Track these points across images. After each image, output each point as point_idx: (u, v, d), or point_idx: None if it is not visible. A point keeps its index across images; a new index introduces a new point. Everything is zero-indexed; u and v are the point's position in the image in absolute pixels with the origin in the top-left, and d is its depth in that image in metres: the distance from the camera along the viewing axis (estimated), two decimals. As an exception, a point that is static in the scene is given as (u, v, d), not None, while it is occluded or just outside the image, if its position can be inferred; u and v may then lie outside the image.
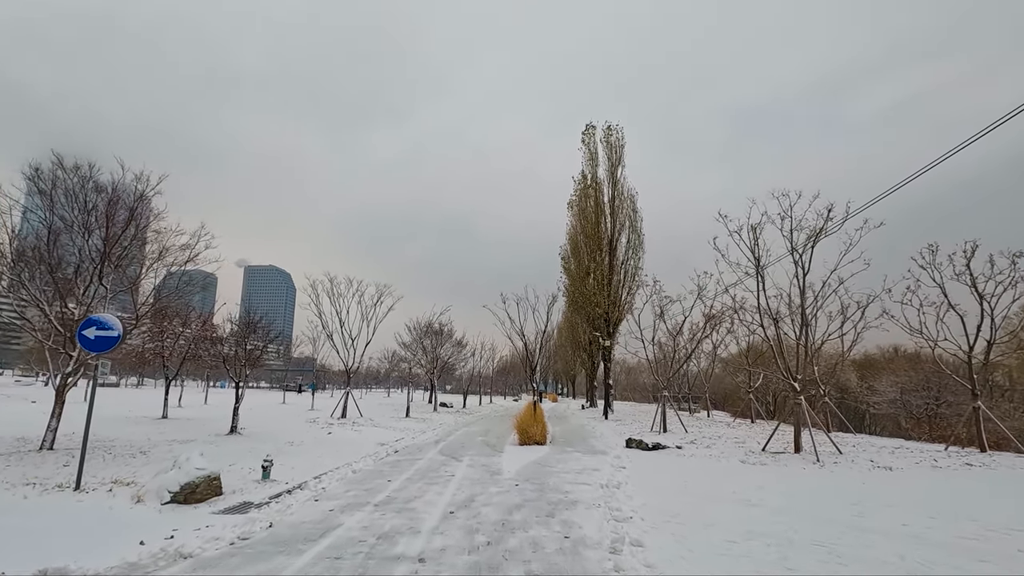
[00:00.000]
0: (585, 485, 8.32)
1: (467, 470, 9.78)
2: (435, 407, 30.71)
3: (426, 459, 11.24)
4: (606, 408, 26.61)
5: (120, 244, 10.69)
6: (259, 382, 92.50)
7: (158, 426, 15.39)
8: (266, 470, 8.24)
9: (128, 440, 12.14)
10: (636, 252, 28.90)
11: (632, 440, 13.43)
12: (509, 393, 78.96)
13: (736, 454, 12.07)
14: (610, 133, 30.32)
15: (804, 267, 11.82)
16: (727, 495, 7.67)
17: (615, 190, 29.45)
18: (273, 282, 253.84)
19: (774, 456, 11.48)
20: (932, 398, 33.01)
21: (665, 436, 15.46)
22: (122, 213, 10.53)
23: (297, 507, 6.68)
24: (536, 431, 14.38)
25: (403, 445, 13.76)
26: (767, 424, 23.36)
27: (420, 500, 7.12)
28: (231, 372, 14.06)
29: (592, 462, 10.96)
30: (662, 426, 16.81)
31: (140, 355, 16.98)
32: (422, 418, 23.98)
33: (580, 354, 46.54)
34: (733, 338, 23.47)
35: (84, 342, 7.17)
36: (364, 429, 17.46)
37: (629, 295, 28.42)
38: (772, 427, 21.34)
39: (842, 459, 11.13)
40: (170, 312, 16.90)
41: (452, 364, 40.40)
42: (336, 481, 8.43)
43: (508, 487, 8.13)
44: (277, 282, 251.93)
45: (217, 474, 7.13)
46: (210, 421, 17.03)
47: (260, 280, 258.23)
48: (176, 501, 6.57)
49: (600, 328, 27.54)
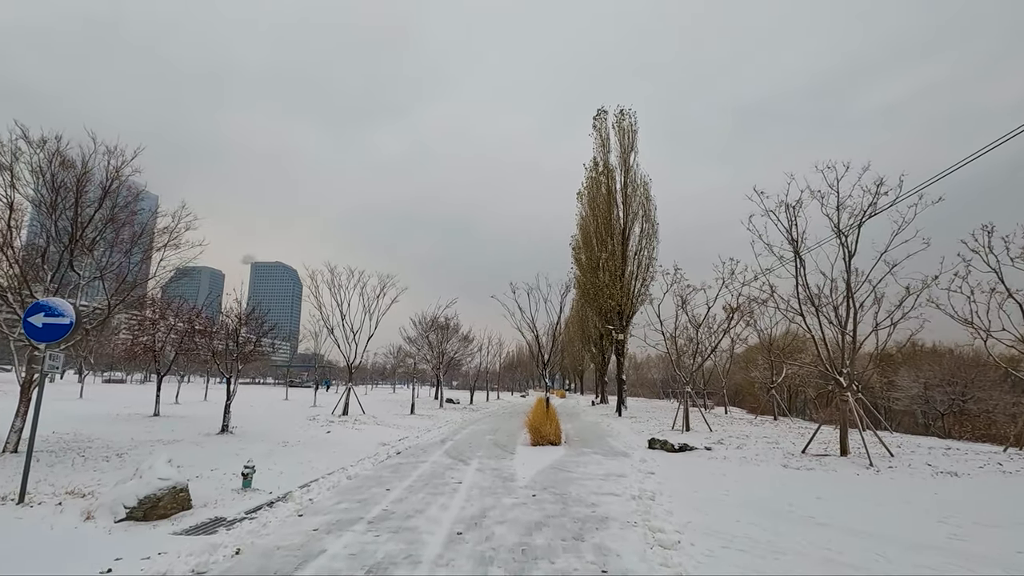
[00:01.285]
0: (613, 496, 7.21)
1: (476, 476, 8.70)
2: (441, 403, 29.73)
3: (431, 462, 10.18)
4: (620, 404, 25.47)
5: (94, 226, 9.68)
6: (265, 378, 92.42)
7: (147, 424, 14.47)
8: (247, 478, 7.20)
9: (108, 440, 11.19)
10: (650, 241, 27.64)
11: (655, 440, 12.29)
12: (516, 389, 78.07)
13: (774, 457, 10.90)
14: (622, 118, 28.99)
15: (850, 248, 10.58)
16: (783, 510, 6.52)
17: (627, 177, 28.16)
18: (280, 278, 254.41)
19: (819, 460, 10.30)
20: (957, 394, 31.61)
21: (689, 436, 14.30)
22: (93, 191, 9.51)
23: (276, 525, 5.62)
24: (549, 430, 13.29)
25: (406, 445, 12.72)
26: (790, 421, 22.10)
27: (422, 516, 6.05)
28: (221, 367, 13.07)
29: (615, 466, 9.85)
30: (684, 424, 15.66)
31: (129, 349, 16.06)
32: (428, 415, 22.98)
33: (589, 348, 45.38)
34: (753, 330, 22.17)
35: (30, 331, 6.14)
36: (365, 428, 16.46)
37: (643, 287, 27.20)
38: (797, 425, 20.17)
39: (896, 463, 9.93)
40: (162, 304, 15.97)
41: (458, 360, 39.49)
42: (327, 490, 7.37)
43: (524, 498, 7.04)
44: (284, 278, 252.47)
45: (184, 485, 6.08)
46: (204, 419, 16.10)
47: (267, 276, 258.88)
48: (133, 518, 5.54)
49: (613, 321, 26.34)
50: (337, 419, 18.55)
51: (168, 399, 25.59)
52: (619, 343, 26.58)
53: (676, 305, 15.69)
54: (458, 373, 65.31)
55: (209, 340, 13.30)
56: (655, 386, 75.61)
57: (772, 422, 21.13)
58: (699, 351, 16.14)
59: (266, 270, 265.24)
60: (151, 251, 10.28)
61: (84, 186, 9.21)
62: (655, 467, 9.68)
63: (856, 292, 10.40)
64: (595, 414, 26.68)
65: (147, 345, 15.51)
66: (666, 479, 8.49)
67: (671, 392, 61.76)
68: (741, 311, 15.24)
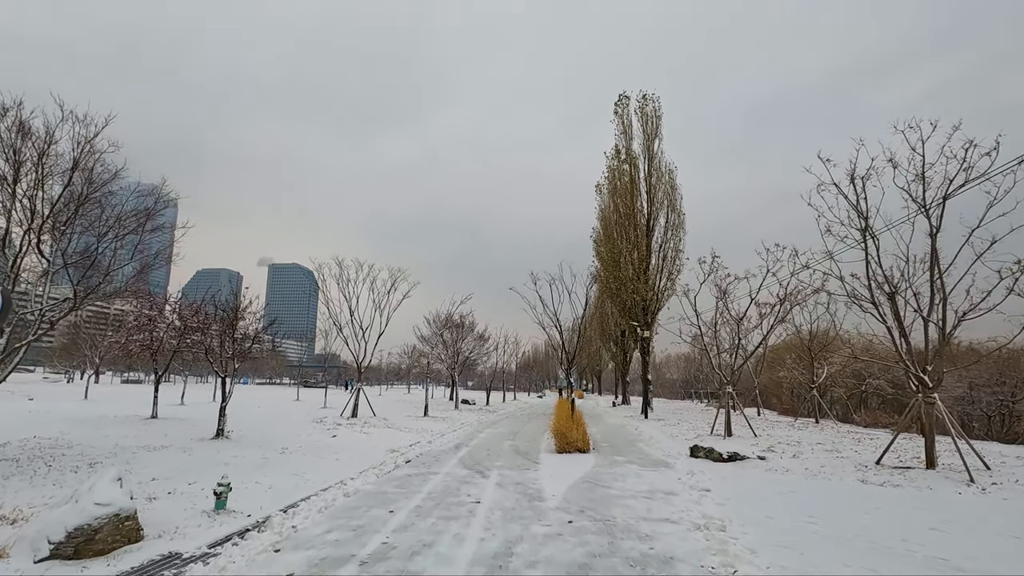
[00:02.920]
0: (669, 523, 5.77)
1: (497, 492, 7.34)
2: (456, 404, 28.47)
3: (443, 473, 8.85)
4: (645, 406, 23.87)
5: (64, 204, 8.57)
6: (281, 378, 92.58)
7: (140, 428, 13.44)
8: (220, 497, 5.94)
9: (89, 446, 10.11)
10: (676, 232, 25.97)
11: (699, 448, 10.78)
12: (532, 389, 76.59)
13: (843, 469, 9.31)
14: (645, 103, 27.36)
15: (935, 224, 8.94)
16: (897, 547, 5.01)
17: (651, 165, 26.52)
18: (296, 280, 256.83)
19: (902, 474, 8.69)
20: (1007, 395, 29.29)
21: (733, 442, 12.74)
22: (61, 164, 8.40)
23: (242, 566, 4.33)
24: (576, 436, 11.87)
25: (417, 452, 11.42)
26: (835, 424, 20.25)
27: (431, 552, 4.70)
28: (215, 366, 11.94)
29: (659, 480, 8.38)
30: (726, 429, 14.08)
31: (124, 347, 15.10)
32: (442, 417, 21.70)
33: (609, 346, 43.66)
34: (790, 326, 20.35)
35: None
36: (375, 431, 15.22)
37: (669, 280, 25.56)
38: (846, 429, 18.33)
39: (999, 477, 8.28)
40: (159, 299, 14.96)
41: (473, 360, 38.24)
42: (317, 512, 6.08)
43: (558, 524, 5.65)
44: (300, 280, 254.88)
45: (131, 511, 4.83)
46: (203, 422, 15.04)
47: (284, 278, 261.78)
48: (60, 556, 4.30)
49: (637, 317, 24.74)
50: (345, 422, 17.37)
51: (174, 400, 24.80)
52: (645, 340, 24.97)
53: (715, 297, 14.12)
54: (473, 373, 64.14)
55: (203, 337, 12.17)
56: (674, 387, 73.38)
57: (814, 425, 19.36)
58: (741, 347, 14.55)
59: (283, 271, 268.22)
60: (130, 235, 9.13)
61: (47, 159, 8.09)
62: (707, 481, 8.19)
63: (945, 275, 8.74)
64: (619, 416, 25.12)
65: (144, 343, 14.49)
66: (726, 498, 7.01)
67: (694, 393, 59.78)
68: (791, 301, 13.61)
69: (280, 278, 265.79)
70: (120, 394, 30.47)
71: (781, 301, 13.56)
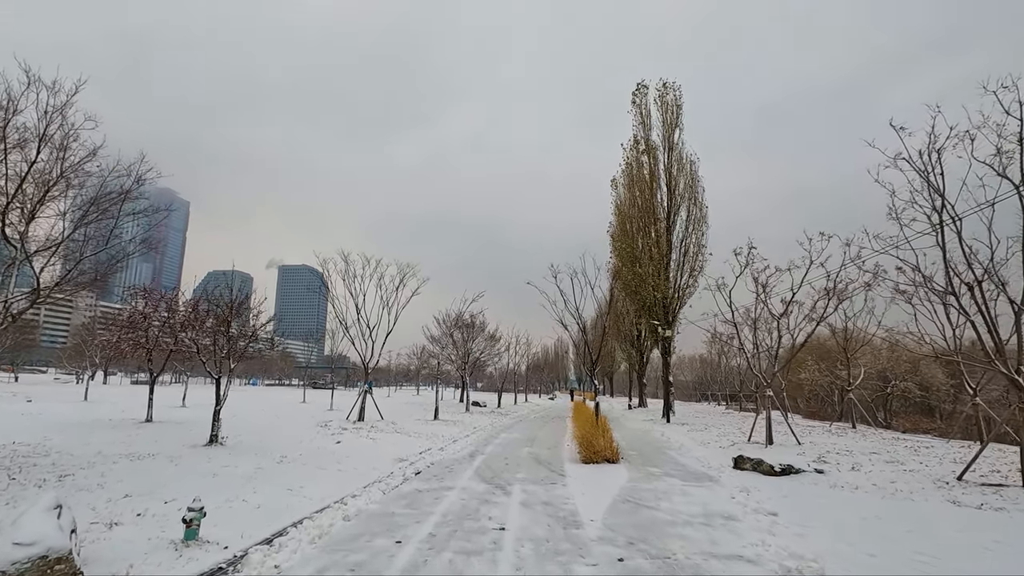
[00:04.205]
0: (746, 562, 4.59)
1: (524, 515, 6.21)
2: (467, 407, 27.38)
3: (459, 488, 7.74)
4: (667, 409, 22.58)
5: (33, 180, 7.61)
6: (291, 379, 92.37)
7: (131, 433, 12.51)
8: (192, 525, 4.87)
9: (67, 455, 9.16)
10: (698, 227, 24.63)
11: (745, 459, 9.55)
12: (543, 391, 75.37)
13: (920, 486, 8.04)
14: (666, 91, 26.05)
15: (1030, 200, 7.64)
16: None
17: (672, 156, 25.23)
18: (307, 282, 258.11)
19: (996, 493, 7.41)
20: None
21: (778, 451, 11.49)
22: (25, 139, 7.43)
23: (199, 631, 3.24)
24: (603, 444, 10.70)
25: (428, 462, 10.33)
26: (875, 431, 18.80)
27: (450, 609, 3.58)
28: (207, 365, 10.96)
29: (710, 499, 7.18)
30: (767, 437, 12.80)
31: (115, 346, 14.22)
32: (453, 420, 20.62)
33: (625, 347, 42.27)
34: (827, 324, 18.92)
35: None
36: (382, 436, 14.17)
37: (691, 277, 24.23)
38: (891, 436, 16.87)
39: (1118, 500, 6.97)
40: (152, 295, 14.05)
41: (484, 361, 37.21)
42: (308, 544, 4.98)
43: (606, 564, 4.50)
44: (310, 282, 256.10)
45: (65, 551, 3.75)
46: (200, 426, 14.08)
47: (294, 280, 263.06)
48: (-39, 615, 3.24)
49: (658, 315, 23.47)
50: (351, 426, 16.34)
51: (175, 402, 24.00)
52: (665, 340, 23.66)
53: (755, 293, 12.84)
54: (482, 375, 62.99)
55: (196, 334, 11.18)
56: (687, 388, 71.55)
57: (853, 431, 17.96)
58: (779, 344, 13.27)
59: (294, 273, 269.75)
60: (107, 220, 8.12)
61: (9, 132, 7.12)
62: (768, 502, 6.98)
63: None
64: (638, 420, 23.86)
65: (136, 341, 13.57)
66: (803, 526, 5.81)
67: (710, 395, 58.07)
68: (839, 295, 12.28)
69: (290, 280, 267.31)
70: (125, 396, 29.83)
71: (829, 294, 12.24)
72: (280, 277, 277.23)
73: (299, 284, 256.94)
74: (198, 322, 11.14)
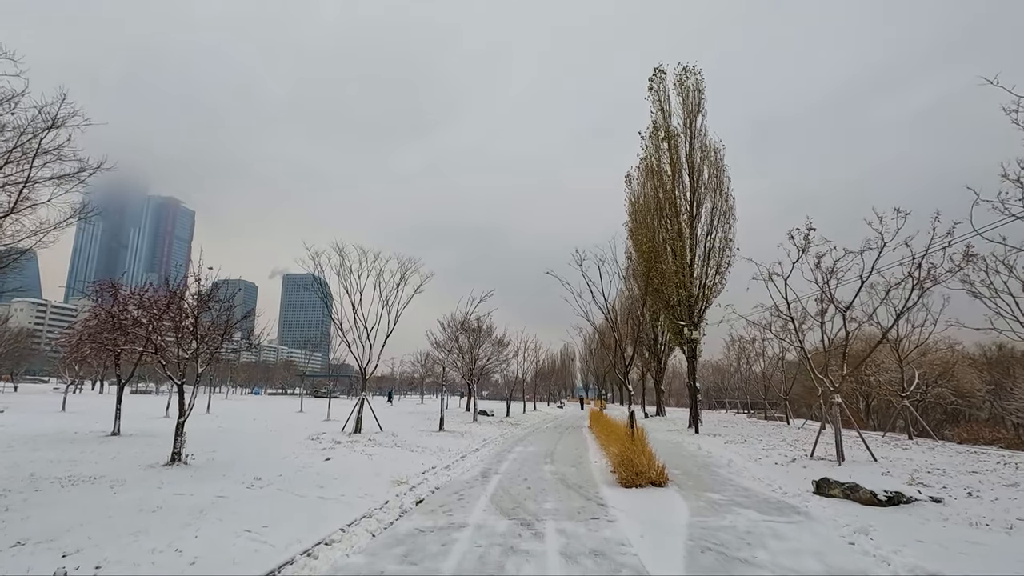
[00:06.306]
0: None
1: (567, 572, 4.32)
2: (474, 416, 25.45)
3: (472, 527, 5.85)
4: (694, 419, 20.54)
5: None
6: (294, 388, 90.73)
7: (88, 449, 10.72)
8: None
9: (-15, 479, 7.37)
10: (724, 220, 22.71)
11: (832, 483, 7.59)
12: (550, 399, 73.12)
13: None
14: (686, 76, 24.26)
15: None
16: None
17: (694, 144, 23.41)
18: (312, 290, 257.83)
19: None
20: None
21: (854, 469, 9.48)
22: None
23: None
24: (645, 463, 8.77)
25: (432, 486, 8.44)
26: (938, 443, 16.65)
27: None
28: (168, 369, 9.15)
29: (822, 547, 5.24)
30: (838, 452, 10.82)
31: (75, 349, 12.49)
32: (460, 431, 18.69)
33: (641, 351, 40.17)
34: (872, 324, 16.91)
35: None
36: (379, 451, 12.29)
37: (718, 274, 22.26)
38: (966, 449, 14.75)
39: None
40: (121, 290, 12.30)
41: (490, 368, 35.34)
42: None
43: None
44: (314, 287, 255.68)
45: None
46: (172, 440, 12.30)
47: (299, 289, 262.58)
48: None
49: (683, 316, 21.51)
50: (345, 439, 14.47)
51: (158, 412, 22.23)
52: (692, 343, 21.68)
53: (819, 283, 10.87)
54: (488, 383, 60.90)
55: (149, 331, 9.32)
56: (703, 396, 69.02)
57: (915, 443, 15.86)
58: (848, 342, 11.31)
59: (298, 282, 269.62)
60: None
61: None
62: (905, 551, 5.03)
63: None
64: (662, 430, 21.81)
65: (100, 343, 11.81)
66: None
67: (728, 403, 55.59)
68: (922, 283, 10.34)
69: (295, 289, 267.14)
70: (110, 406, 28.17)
71: (915, 280, 10.27)
72: (284, 287, 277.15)
73: (305, 293, 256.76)
74: (154, 316, 9.32)
